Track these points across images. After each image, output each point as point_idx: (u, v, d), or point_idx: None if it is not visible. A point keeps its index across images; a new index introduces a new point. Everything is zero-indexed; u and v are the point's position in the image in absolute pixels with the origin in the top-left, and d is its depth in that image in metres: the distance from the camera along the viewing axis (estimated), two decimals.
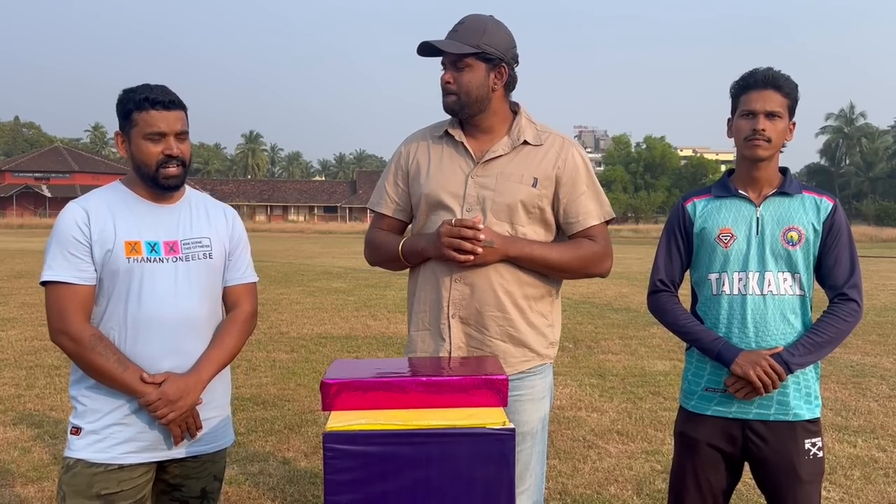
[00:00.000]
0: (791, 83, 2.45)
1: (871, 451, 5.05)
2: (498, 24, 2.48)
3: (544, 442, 2.58)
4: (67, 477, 2.29)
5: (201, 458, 2.42)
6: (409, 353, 2.59)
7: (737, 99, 2.49)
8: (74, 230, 2.26)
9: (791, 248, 2.44)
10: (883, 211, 63.04)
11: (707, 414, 2.51)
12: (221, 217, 2.49)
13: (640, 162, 79.56)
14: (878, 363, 7.99)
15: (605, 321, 10.73)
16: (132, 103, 2.28)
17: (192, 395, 2.30)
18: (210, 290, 2.41)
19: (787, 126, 2.47)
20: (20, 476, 4.46)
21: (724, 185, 2.56)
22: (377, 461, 1.77)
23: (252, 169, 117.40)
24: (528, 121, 2.54)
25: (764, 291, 2.44)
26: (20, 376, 6.99)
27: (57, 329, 2.26)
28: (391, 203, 2.62)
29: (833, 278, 2.47)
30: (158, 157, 2.28)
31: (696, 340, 2.50)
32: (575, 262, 2.48)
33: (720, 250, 2.49)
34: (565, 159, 2.49)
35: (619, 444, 5.18)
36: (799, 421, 2.46)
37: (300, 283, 15.83)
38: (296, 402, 6.18)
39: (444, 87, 2.47)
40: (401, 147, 2.65)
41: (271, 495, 4.25)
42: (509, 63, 2.48)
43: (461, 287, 2.44)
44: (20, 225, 54.50)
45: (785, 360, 2.39)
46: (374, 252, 2.64)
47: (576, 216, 2.49)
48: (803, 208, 2.47)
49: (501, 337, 2.45)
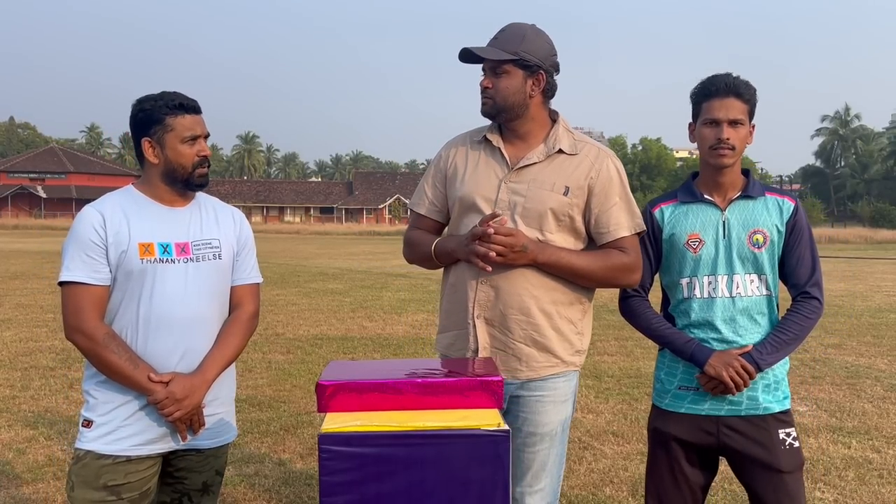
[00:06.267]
0: (751, 89, 2.52)
1: (866, 452, 5.06)
2: (538, 32, 2.51)
3: (563, 445, 2.59)
4: (77, 467, 2.37)
5: (205, 453, 2.50)
6: (439, 350, 2.65)
7: (698, 106, 2.55)
8: (91, 233, 2.34)
9: (757, 250, 2.52)
10: (878, 213, 63.24)
11: (681, 412, 2.56)
12: (230, 219, 2.57)
13: (637, 163, 79.64)
14: (873, 364, 8.02)
15: (600, 322, 10.74)
16: (165, 109, 2.37)
17: (198, 394, 2.38)
18: (219, 290, 2.49)
19: (748, 131, 2.53)
20: (15, 478, 4.45)
21: (689, 190, 2.61)
22: (373, 462, 1.77)
23: (248, 170, 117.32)
24: (566, 129, 2.56)
25: (733, 293, 2.52)
26: (15, 377, 6.98)
27: (73, 327, 2.34)
28: (428, 204, 2.67)
29: (795, 277, 2.55)
30: (194, 158, 2.40)
31: (669, 343, 2.56)
32: (602, 271, 2.49)
33: (689, 255, 2.55)
34: (599, 170, 2.50)
35: (615, 445, 5.19)
36: (770, 414, 2.52)
37: (296, 284, 15.83)
38: (291, 404, 6.18)
39: (483, 93, 2.51)
40: (441, 150, 2.70)
41: (267, 497, 4.25)
42: (548, 70, 2.50)
43: (487, 289, 2.48)
44: (15, 226, 54.42)
45: (755, 358, 2.47)
46: (411, 250, 2.71)
47: (607, 227, 2.50)
48: (766, 210, 2.54)
49: (525, 341, 2.47)
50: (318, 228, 60.28)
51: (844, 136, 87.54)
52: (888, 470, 4.73)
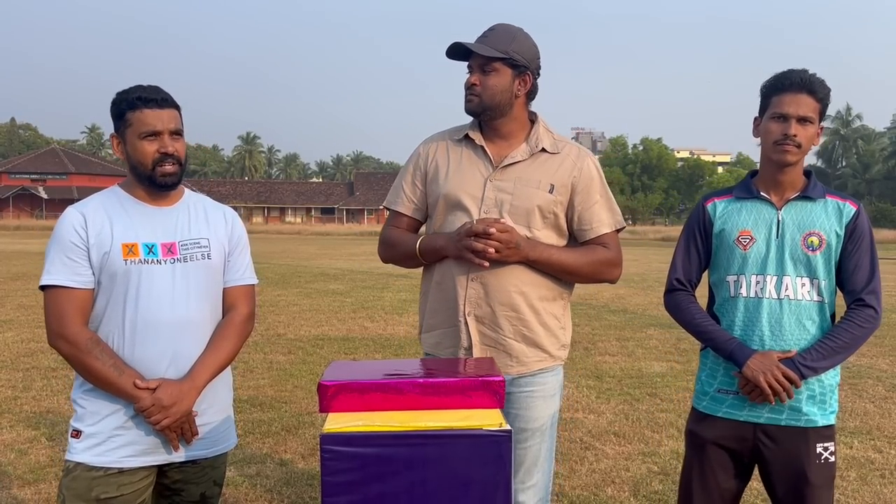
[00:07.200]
0: (825, 88, 2.41)
1: (868, 453, 5.06)
2: (526, 34, 2.56)
3: (553, 439, 2.62)
4: (67, 480, 2.28)
5: (201, 464, 2.41)
6: (425, 349, 2.64)
7: (767, 99, 2.45)
8: (72, 234, 2.26)
9: (811, 253, 2.41)
10: (879, 212, 63.26)
11: (718, 415, 2.50)
12: (221, 218, 2.48)
13: (637, 163, 79.65)
14: (875, 364, 8.01)
15: (602, 322, 10.74)
16: (125, 104, 2.29)
17: (187, 401, 2.27)
18: (209, 291, 2.39)
19: (816, 131, 2.44)
20: (17, 478, 4.45)
21: (746, 187, 2.54)
22: (374, 463, 1.77)
23: (249, 170, 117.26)
24: (546, 130, 2.61)
25: (781, 296, 2.42)
26: (17, 378, 6.99)
27: (55, 333, 2.26)
28: (408, 202, 2.67)
29: (852, 283, 2.44)
30: (154, 155, 2.28)
31: (711, 339, 2.48)
32: (588, 267, 2.55)
33: (739, 252, 2.47)
34: (581, 168, 2.55)
35: (616, 445, 5.19)
36: (812, 427, 2.43)
37: (297, 284, 15.83)
38: (293, 404, 6.18)
39: (469, 89, 2.52)
40: (419, 147, 2.69)
41: (268, 497, 4.25)
42: (534, 72, 2.55)
43: (476, 286, 2.49)
44: (17, 227, 54.36)
45: (798, 365, 2.37)
46: (390, 249, 2.69)
47: (589, 223, 2.56)
48: (825, 213, 2.44)
49: (515, 337, 2.51)
50: (319, 229, 60.24)
51: (846, 136, 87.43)
52: (890, 470, 4.73)
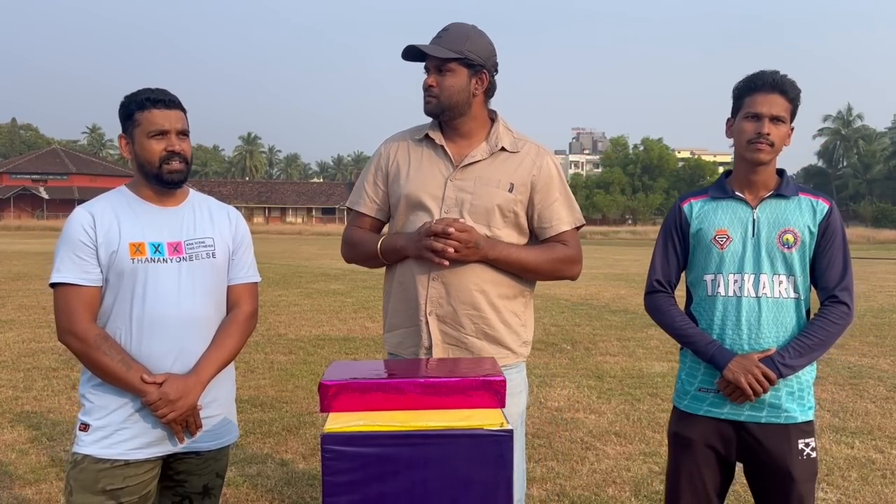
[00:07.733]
0: (796, 88, 2.46)
1: (869, 453, 5.06)
2: (480, 33, 2.56)
3: (523, 437, 2.64)
4: (75, 472, 2.34)
5: (204, 455, 2.47)
6: (388, 349, 2.65)
7: (740, 100, 2.48)
8: (81, 233, 2.33)
9: (787, 250, 2.46)
10: (880, 212, 63.23)
11: (699, 414, 2.53)
12: (225, 218, 2.55)
13: (638, 164, 79.64)
14: (876, 364, 8.01)
15: (602, 323, 10.74)
16: (134, 104, 2.37)
17: (192, 395, 2.34)
18: (214, 289, 2.46)
19: (788, 131, 2.48)
20: (18, 478, 4.45)
21: (720, 187, 2.57)
22: (375, 462, 1.77)
23: (250, 171, 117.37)
24: (506, 128, 2.62)
25: (758, 294, 2.45)
26: (17, 378, 6.99)
27: (64, 329, 2.33)
28: (370, 202, 2.67)
29: (825, 280, 2.48)
30: (161, 153, 2.35)
31: (691, 343, 2.52)
32: (548, 264, 2.57)
33: (716, 252, 2.50)
34: (540, 167, 2.57)
35: (617, 445, 5.19)
36: (792, 423, 2.47)
37: (298, 284, 15.84)
38: (294, 404, 6.18)
39: (427, 91, 2.54)
40: (380, 148, 2.70)
41: (269, 497, 4.25)
42: (490, 70, 2.56)
43: (438, 286, 2.50)
44: (17, 227, 54.45)
45: (776, 363, 2.41)
46: (352, 249, 2.70)
47: (549, 221, 2.58)
48: (799, 210, 2.48)
49: (477, 335, 2.52)
50: (320, 229, 60.23)
51: (847, 136, 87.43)
52: (891, 470, 4.72)
